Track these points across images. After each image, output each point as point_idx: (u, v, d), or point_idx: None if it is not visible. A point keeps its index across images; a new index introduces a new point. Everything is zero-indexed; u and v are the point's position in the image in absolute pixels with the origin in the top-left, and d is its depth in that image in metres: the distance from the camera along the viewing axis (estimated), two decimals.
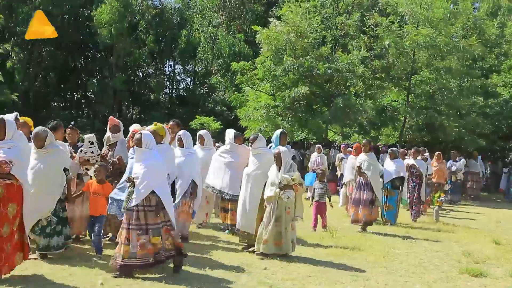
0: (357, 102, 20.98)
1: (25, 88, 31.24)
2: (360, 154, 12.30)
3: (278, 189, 8.06)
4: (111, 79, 32.26)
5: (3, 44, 24.14)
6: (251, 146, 9.04)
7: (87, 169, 8.38)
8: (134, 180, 6.86)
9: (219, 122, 26.48)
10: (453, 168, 18.75)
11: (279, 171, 8.21)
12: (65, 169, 7.55)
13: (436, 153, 17.42)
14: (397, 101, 22.61)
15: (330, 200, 11.26)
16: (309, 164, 18.28)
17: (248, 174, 8.76)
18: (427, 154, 15.38)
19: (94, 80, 35.23)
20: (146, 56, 35.49)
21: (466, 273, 7.79)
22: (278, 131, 9.45)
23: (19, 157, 6.37)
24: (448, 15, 21.08)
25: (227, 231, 10.16)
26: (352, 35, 22.06)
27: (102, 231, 8.01)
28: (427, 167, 15.14)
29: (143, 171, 6.87)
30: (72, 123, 9.08)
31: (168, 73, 40.33)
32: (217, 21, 32.77)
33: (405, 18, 21.23)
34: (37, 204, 6.97)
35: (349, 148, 17.15)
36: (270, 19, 21.33)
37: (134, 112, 38.29)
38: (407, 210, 14.21)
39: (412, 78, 21.37)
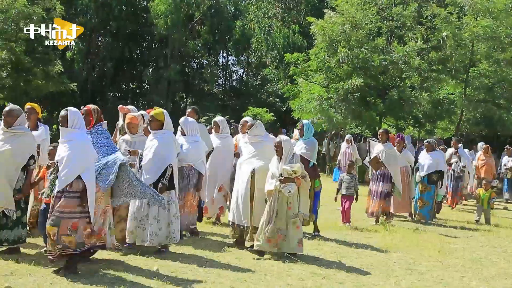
0: (413, 94, 20.63)
1: (83, 78, 32.01)
2: (377, 145, 11.54)
3: (278, 182, 7.38)
4: (165, 70, 32.71)
5: None
6: (247, 133, 8.46)
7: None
8: (58, 164, 6.15)
9: (272, 114, 26.53)
10: (510, 164, 18.11)
11: (280, 163, 7.54)
12: (31, 157, 6.95)
13: (484, 146, 16.80)
14: (453, 94, 22.12)
15: (357, 194, 10.57)
16: (339, 157, 17.68)
17: (241, 163, 8.21)
18: (443, 147, 14.44)
19: (150, 71, 35.79)
20: (200, 47, 35.80)
21: None
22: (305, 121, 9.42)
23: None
24: (510, 6, 20.41)
25: None
26: (409, 26, 21.67)
27: None
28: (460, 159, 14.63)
29: (67, 154, 6.08)
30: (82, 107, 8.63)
31: (221, 64, 40.61)
32: (272, 12, 32.73)
33: (464, 9, 20.68)
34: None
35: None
36: (325, 10, 21.17)
37: (187, 103, 38.74)
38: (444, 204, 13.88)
39: (470, 71, 20.85)
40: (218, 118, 10.44)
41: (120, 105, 8.95)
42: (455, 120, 21.91)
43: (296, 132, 10.15)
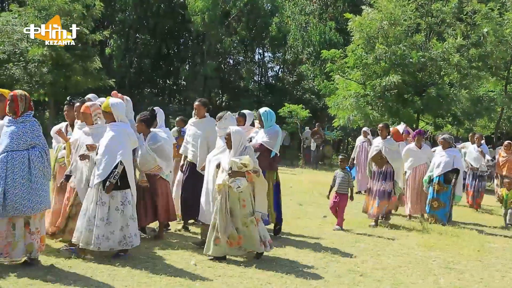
0: (451, 91, 20.31)
1: (121, 74, 32.46)
2: (376, 140, 10.81)
3: (227, 176, 6.84)
4: (202, 66, 32.91)
5: (103, 31, 25.15)
6: (217, 125, 7.92)
7: None
8: None
9: (307, 110, 26.45)
10: None
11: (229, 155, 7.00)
12: None
13: (505, 142, 15.84)
14: (494, 91, 21.71)
15: (351, 192, 9.66)
16: (353, 152, 16.19)
17: (210, 159, 7.70)
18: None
19: (186, 67, 36.05)
20: (237, 44, 35.88)
21: None
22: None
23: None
24: None
25: None
26: (448, 22, 21.30)
27: None
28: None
29: None
30: (68, 98, 7.93)
31: (257, 60, 40.63)
32: (309, 9, 32.58)
33: (505, 5, 20.26)
34: None
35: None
36: (363, 7, 20.98)
37: (223, 99, 38.90)
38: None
39: (511, 68, 20.43)
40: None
41: (114, 91, 8.06)
42: (494, 118, 21.51)
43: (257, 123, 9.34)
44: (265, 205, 7.33)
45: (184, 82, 36.89)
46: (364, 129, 16.10)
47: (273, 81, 39.38)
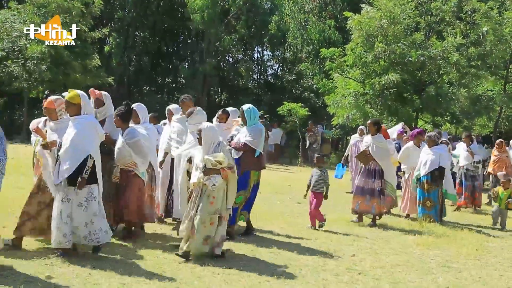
0: (450, 90, 20.32)
1: (120, 72, 32.43)
2: (365, 137, 10.65)
3: (201, 174, 6.67)
4: (201, 64, 32.88)
5: (102, 29, 25.14)
6: (187, 121, 7.83)
7: None
8: None
9: (306, 109, 26.43)
10: None
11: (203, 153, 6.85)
12: None
13: (497, 140, 15.62)
14: (493, 91, 21.73)
15: (327, 191, 9.33)
16: (347, 150, 15.54)
17: (180, 154, 7.62)
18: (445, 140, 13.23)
19: (185, 65, 36.02)
20: (236, 42, 35.84)
21: None
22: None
23: None
24: None
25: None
26: (448, 21, 21.29)
27: None
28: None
29: None
30: (46, 92, 7.67)
31: (257, 59, 40.61)
32: (309, 7, 32.54)
33: (505, 4, 20.27)
34: None
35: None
36: (362, 5, 20.98)
37: (222, 98, 38.88)
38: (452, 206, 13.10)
39: (510, 67, 20.46)
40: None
41: (91, 89, 7.97)
42: (493, 117, 21.54)
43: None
44: (233, 201, 7.06)
45: (183, 80, 36.82)
46: (361, 127, 15.41)
47: (272, 80, 39.33)
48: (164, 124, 9.88)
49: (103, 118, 7.68)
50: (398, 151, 14.79)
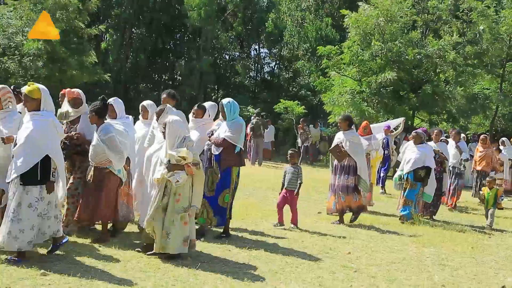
0: (447, 89, 20.36)
1: (117, 69, 32.35)
2: (338, 133, 10.27)
3: (165, 170, 6.48)
4: (198, 62, 32.82)
5: (98, 26, 25.05)
6: (157, 120, 7.38)
7: None
8: None
9: (303, 107, 26.45)
10: None
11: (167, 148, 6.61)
12: None
13: (482, 136, 15.38)
14: (489, 89, 21.79)
15: (298, 188, 9.15)
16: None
17: (150, 155, 7.20)
18: (444, 139, 12.69)
19: (182, 62, 35.95)
20: (232, 39, 35.80)
21: None
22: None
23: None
24: None
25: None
26: (444, 19, 21.35)
27: None
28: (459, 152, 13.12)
29: None
30: (12, 87, 7.29)
31: (253, 56, 40.57)
32: (305, 5, 32.55)
33: (502, 2, 20.30)
34: None
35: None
36: (359, 3, 21.00)
37: (219, 95, 38.84)
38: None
39: (507, 65, 20.50)
40: (147, 102, 8.67)
41: (68, 89, 7.76)
42: (490, 115, 21.60)
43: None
44: (201, 199, 6.87)
45: (180, 78, 36.75)
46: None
47: (269, 77, 39.28)
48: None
49: (77, 117, 7.48)
50: (387, 146, 14.91)
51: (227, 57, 39.28)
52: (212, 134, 7.94)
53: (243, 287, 5.80)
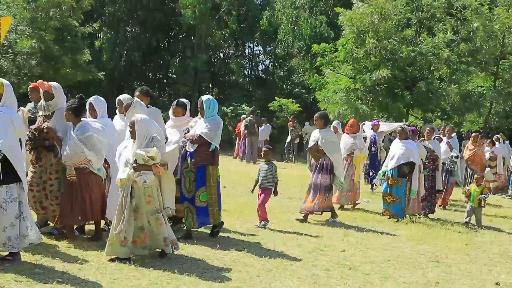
0: (441, 86, 20.39)
1: (111, 67, 32.27)
2: (313, 131, 10.12)
3: (132, 170, 6.25)
4: (192, 60, 32.79)
5: (92, 24, 24.97)
6: (126, 115, 7.21)
7: None
8: None
9: (298, 104, 26.45)
10: None
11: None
12: None
13: (473, 134, 15.27)
14: (483, 87, 21.83)
15: (276, 186, 8.93)
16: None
17: (120, 151, 6.78)
18: (438, 136, 12.58)
19: (176, 61, 35.92)
20: (227, 37, 35.78)
21: None
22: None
23: None
24: None
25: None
26: (438, 17, 21.34)
27: None
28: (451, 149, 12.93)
29: None
30: None
31: (248, 54, 40.55)
32: (300, 3, 32.54)
33: (496, 0, 20.34)
34: None
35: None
36: (353, 1, 21.01)
37: (213, 93, 38.81)
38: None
39: (500, 63, 20.55)
40: (123, 96, 8.26)
41: (40, 81, 7.41)
42: (484, 113, 21.64)
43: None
44: (173, 200, 6.80)
45: (174, 76, 36.71)
46: (334, 124, 13.41)
47: (264, 75, 39.28)
48: None
49: (52, 111, 7.18)
50: (374, 144, 14.89)
51: (222, 55, 39.27)
52: (188, 131, 7.75)
53: (237, 284, 5.79)
